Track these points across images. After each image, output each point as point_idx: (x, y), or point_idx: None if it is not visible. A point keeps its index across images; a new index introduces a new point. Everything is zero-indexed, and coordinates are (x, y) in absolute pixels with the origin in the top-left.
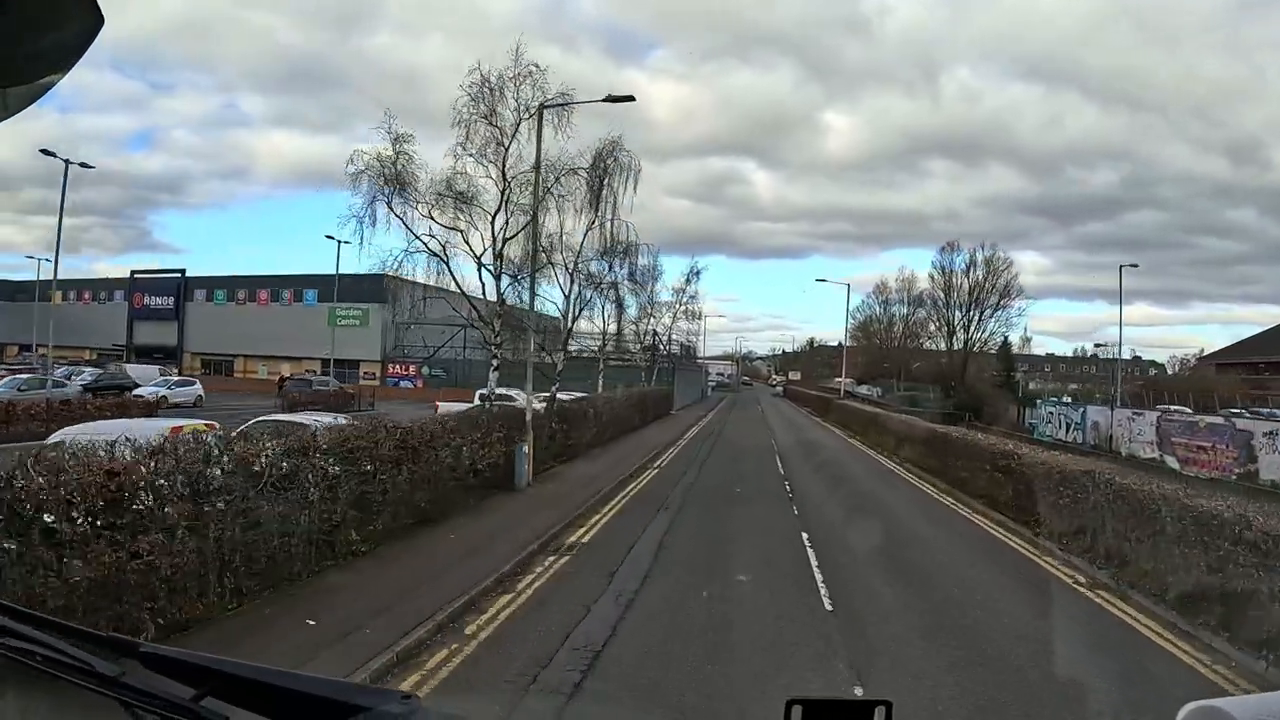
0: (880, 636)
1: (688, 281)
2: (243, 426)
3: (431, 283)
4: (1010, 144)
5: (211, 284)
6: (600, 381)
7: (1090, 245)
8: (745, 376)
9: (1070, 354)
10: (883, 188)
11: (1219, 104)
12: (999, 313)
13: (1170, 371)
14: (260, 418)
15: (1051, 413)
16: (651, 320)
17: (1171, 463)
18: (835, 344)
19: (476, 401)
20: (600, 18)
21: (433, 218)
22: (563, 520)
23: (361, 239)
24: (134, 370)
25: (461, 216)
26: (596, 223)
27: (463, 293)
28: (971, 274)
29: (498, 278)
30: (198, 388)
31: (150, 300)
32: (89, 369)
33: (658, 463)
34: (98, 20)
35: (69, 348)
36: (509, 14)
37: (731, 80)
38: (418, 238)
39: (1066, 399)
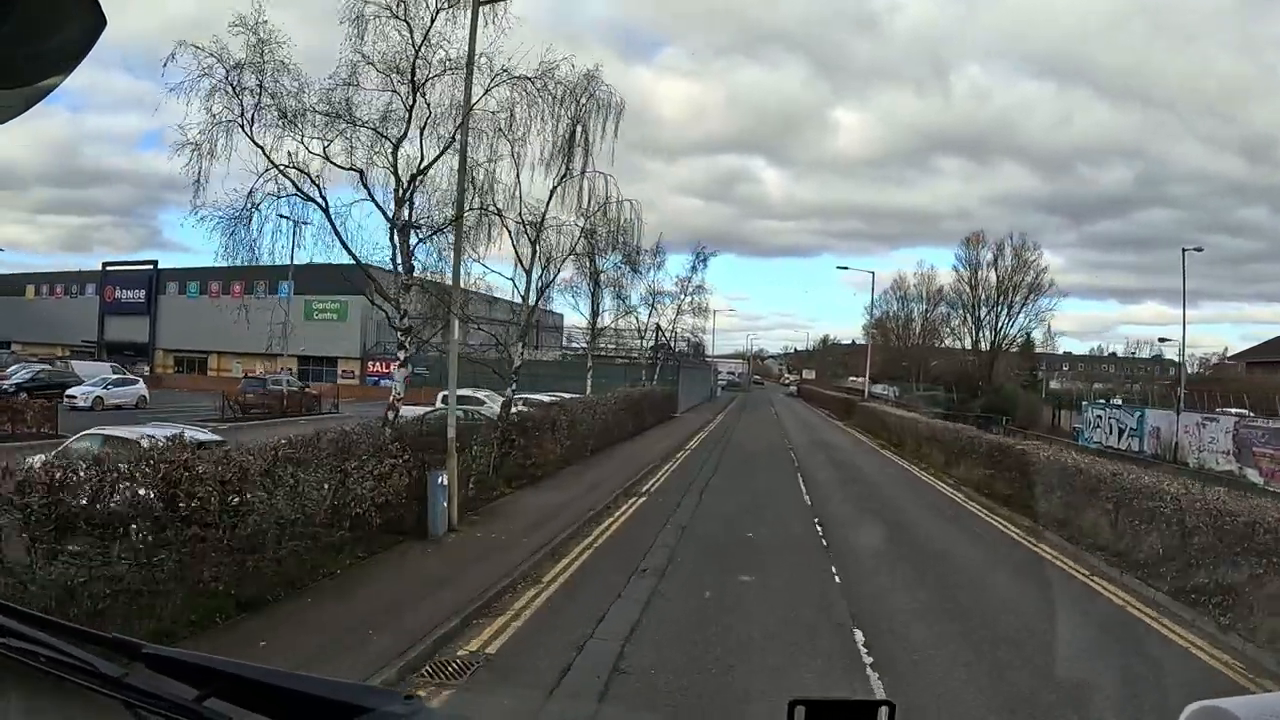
0: None
1: (693, 269)
2: (70, 440)
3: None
4: (1021, 141)
5: (184, 276)
6: (589, 381)
7: (1102, 244)
8: (756, 375)
9: (1086, 353)
10: (893, 186)
11: (1230, 101)
12: (1028, 307)
13: (1191, 371)
14: (91, 430)
15: (1100, 416)
16: (654, 313)
17: (1253, 475)
18: (850, 342)
19: (438, 404)
20: (609, 15)
21: (311, 150)
22: (473, 600)
23: (199, 181)
24: (84, 368)
25: (359, 145)
26: (565, 173)
27: (352, 255)
28: (999, 266)
29: (403, 230)
30: (139, 388)
31: (122, 294)
32: (39, 366)
33: (647, 486)
34: (100, 21)
35: (41, 344)
36: (516, 11)
37: (740, 77)
38: (275, 166)
39: (1117, 401)
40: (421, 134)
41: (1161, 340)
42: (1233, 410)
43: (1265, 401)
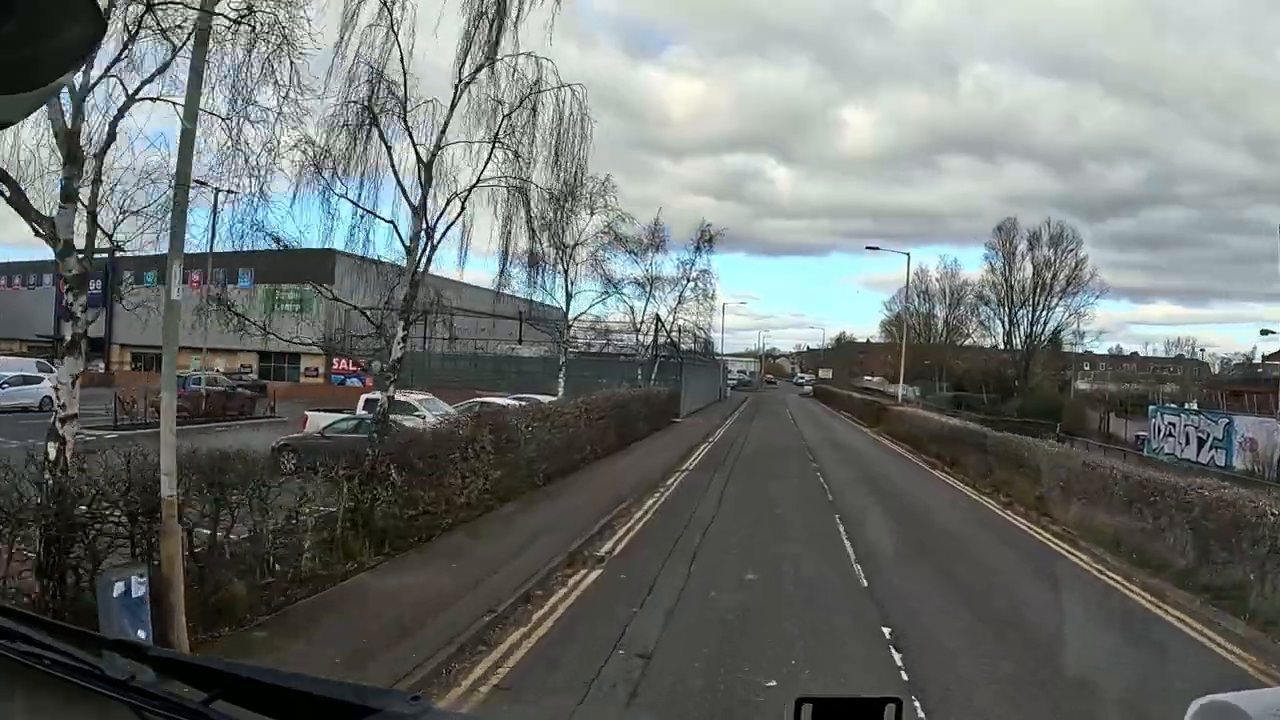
0: None
1: (696, 250)
2: None
3: None
4: (1030, 140)
5: (142, 265)
6: (561, 382)
7: (1113, 243)
8: (769, 375)
9: (1104, 352)
10: (902, 185)
11: (1240, 99)
12: (1066, 300)
13: (1215, 371)
14: None
15: (1173, 424)
16: (652, 300)
17: None
18: (865, 340)
19: (360, 410)
20: (616, 13)
21: None
22: None
23: None
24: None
25: None
26: (477, 51)
27: None
28: (1036, 254)
29: None
30: (42, 388)
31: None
32: None
33: (610, 545)
34: (99, 26)
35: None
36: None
37: (748, 76)
38: None
39: (1191, 405)
40: None
41: (1265, 333)
42: None
43: None
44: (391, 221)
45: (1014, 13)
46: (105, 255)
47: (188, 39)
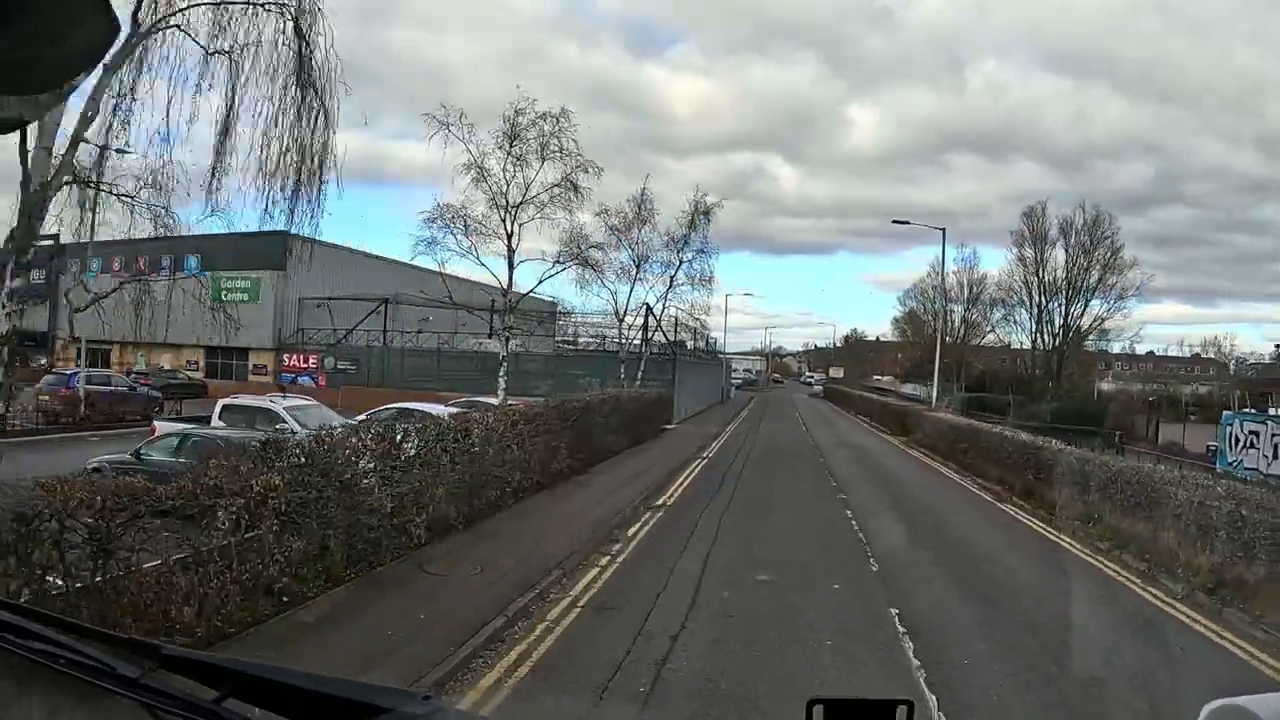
0: None
1: (691, 225)
2: None
3: None
4: (1037, 138)
5: (87, 252)
6: (502, 382)
7: (1119, 241)
8: (776, 374)
9: (1117, 351)
10: (908, 183)
11: (1248, 97)
12: (1103, 292)
13: (1230, 371)
14: None
15: (1255, 432)
16: (640, 286)
17: None
18: (874, 339)
19: (215, 421)
20: (620, 11)
21: None
22: None
23: None
24: None
25: None
26: None
27: None
28: (1071, 241)
29: None
30: None
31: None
32: None
33: None
34: (114, 27)
35: None
36: (529, 7)
37: (753, 74)
38: None
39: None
40: None
41: None
42: None
43: None
44: None
45: (1021, 9)
46: (49, 241)
47: None
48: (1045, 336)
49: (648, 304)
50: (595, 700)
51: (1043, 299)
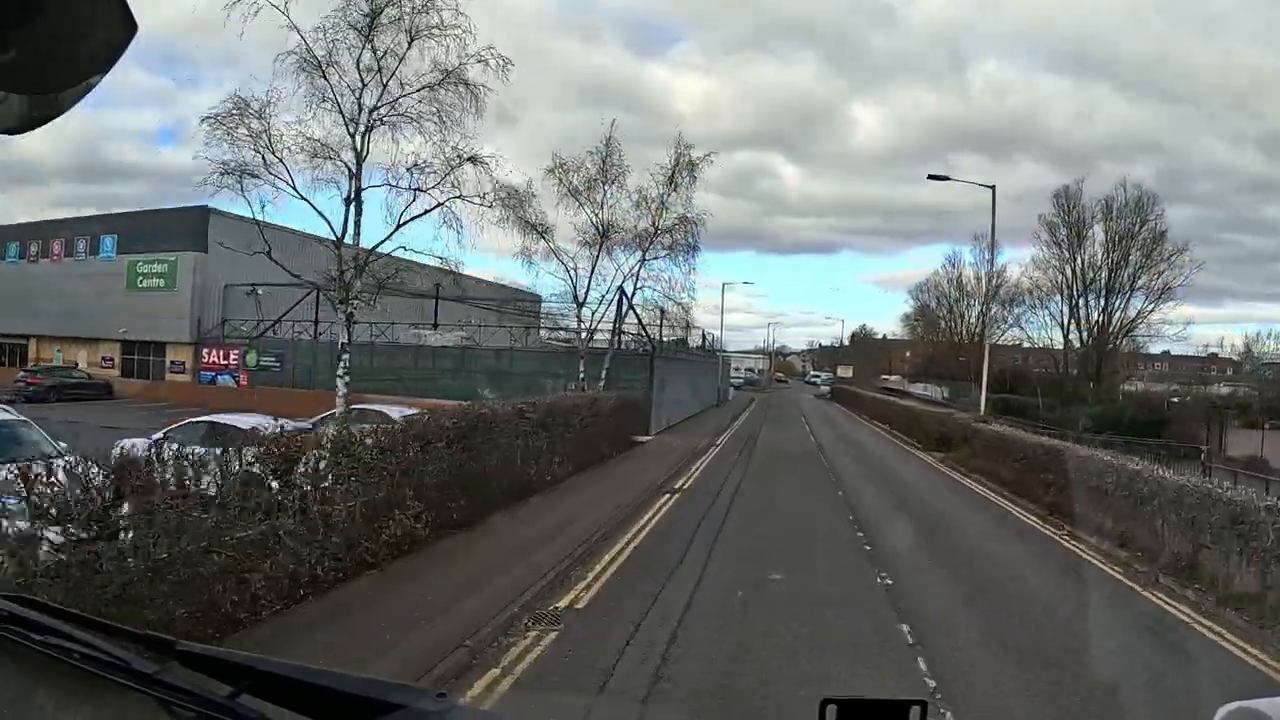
0: None
1: (671, 180)
2: None
3: None
4: (1041, 137)
5: (2, 236)
6: (340, 385)
7: None
8: (779, 373)
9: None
10: (911, 182)
11: (1252, 96)
12: (1148, 282)
13: (1248, 370)
14: None
15: None
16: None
17: None
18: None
19: None
20: (622, 9)
21: None
22: None
23: None
24: None
25: None
26: None
27: None
28: (1111, 226)
29: None
30: None
31: None
32: None
33: None
34: (131, 27)
35: None
36: (529, 5)
37: (756, 72)
38: None
39: None
40: None
41: None
42: None
43: None
44: None
45: (1024, 7)
46: None
47: None
48: (1082, 333)
49: (622, 288)
50: None
51: (1078, 291)
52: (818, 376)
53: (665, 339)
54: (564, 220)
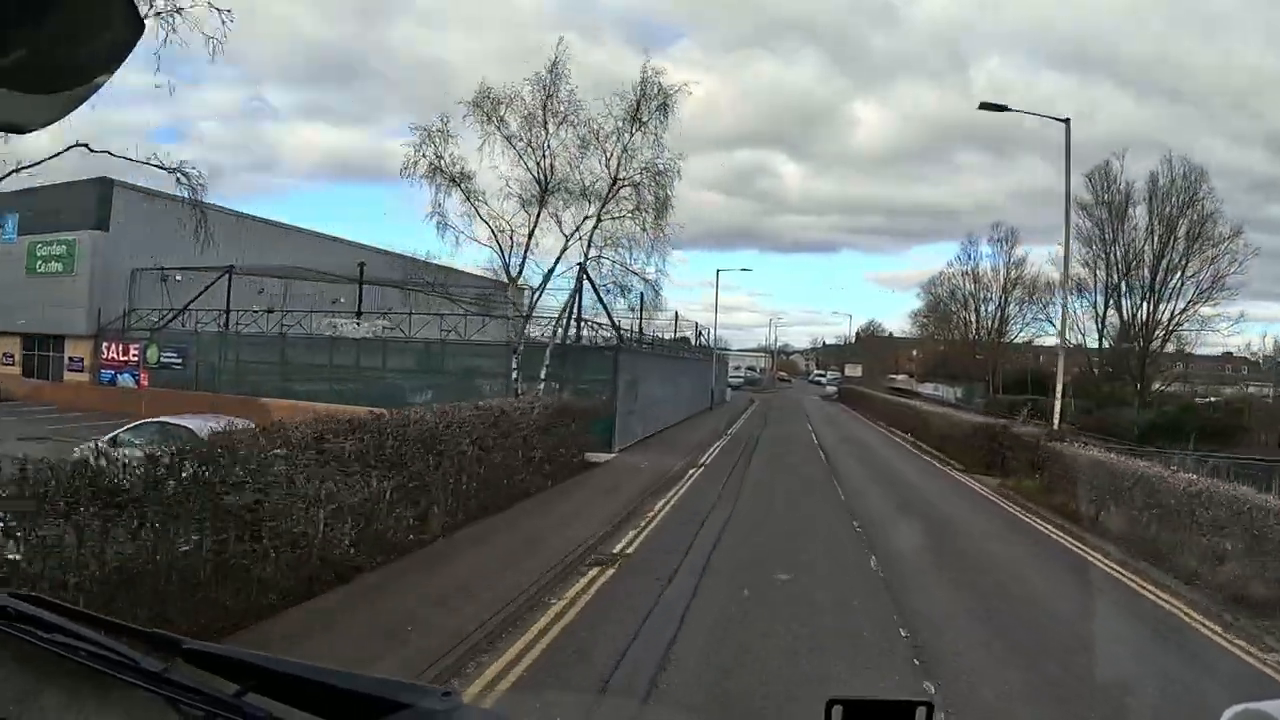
0: None
1: (636, 116)
2: None
3: None
4: (1043, 135)
5: None
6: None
7: None
8: (782, 372)
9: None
10: (913, 181)
11: (1257, 95)
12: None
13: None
14: None
15: None
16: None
17: None
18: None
19: None
20: (622, 8)
21: None
22: None
23: None
24: None
25: None
26: None
27: None
28: (1161, 205)
29: None
30: None
31: None
32: None
33: None
34: (137, 26)
35: None
36: (529, 3)
37: (757, 70)
38: None
39: None
40: None
41: None
42: None
43: None
44: None
45: (1025, 6)
46: None
47: None
48: (1129, 327)
49: (582, 265)
50: None
51: (1115, 280)
52: (822, 375)
53: (653, 332)
54: (494, 176)
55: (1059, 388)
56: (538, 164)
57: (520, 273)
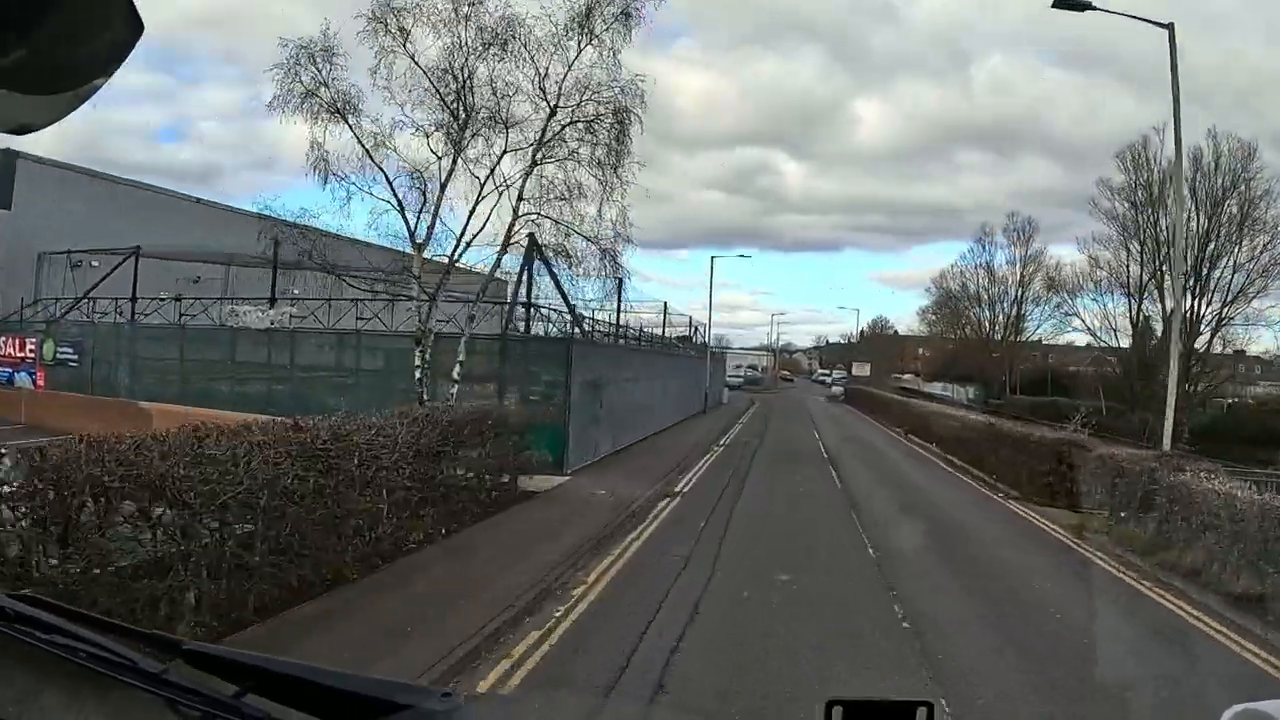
0: None
1: (585, 26)
2: None
3: None
4: (1047, 134)
5: None
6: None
7: None
8: (784, 371)
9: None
10: (915, 180)
11: (1259, 94)
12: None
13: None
14: None
15: None
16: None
17: None
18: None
19: None
20: (620, 5)
21: None
22: None
23: None
24: None
25: None
26: None
27: None
28: (1209, 185)
29: None
30: None
31: None
32: None
33: None
34: (138, 26)
35: None
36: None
37: (758, 69)
38: None
39: None
40: None
41: None
42: None
43: None
44: None
45: (1026, 4)
46: None
47: None
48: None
49: (533, 236)
50: None
51: (1154, 269)
52: (827, 375)
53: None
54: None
55: (1171, 394)
56: (458, 90)
57: (429, 238)
